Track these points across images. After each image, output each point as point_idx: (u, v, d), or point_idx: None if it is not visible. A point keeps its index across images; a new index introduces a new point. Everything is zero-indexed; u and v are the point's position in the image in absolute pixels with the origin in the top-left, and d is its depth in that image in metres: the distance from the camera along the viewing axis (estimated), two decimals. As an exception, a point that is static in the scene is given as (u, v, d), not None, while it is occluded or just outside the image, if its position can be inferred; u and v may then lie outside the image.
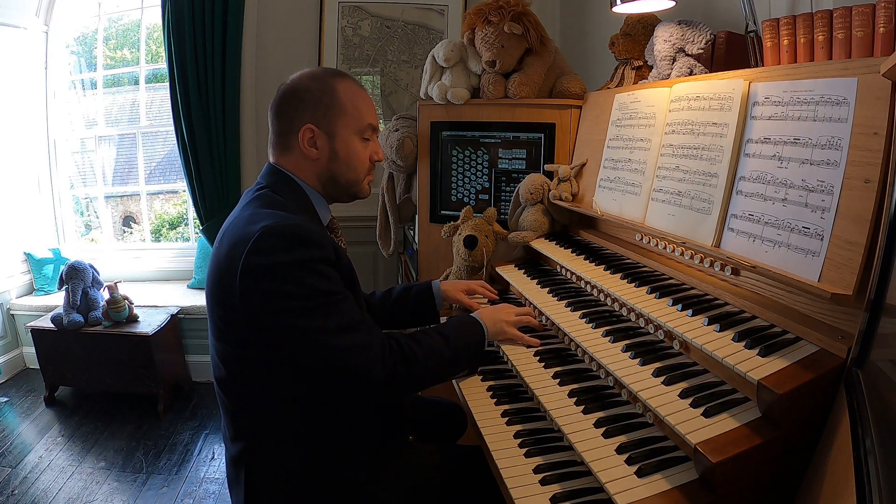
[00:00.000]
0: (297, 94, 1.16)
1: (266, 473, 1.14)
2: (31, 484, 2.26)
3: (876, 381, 0.77)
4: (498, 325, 1.35)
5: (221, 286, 1.07)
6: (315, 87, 1.16)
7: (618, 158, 1.63)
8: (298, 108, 1.15)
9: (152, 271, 3.52)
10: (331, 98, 1.15)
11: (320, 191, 1.21)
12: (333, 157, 1.18)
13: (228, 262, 1.05)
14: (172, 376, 2.98)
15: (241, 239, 1.04)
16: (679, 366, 1.07)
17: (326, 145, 1.17)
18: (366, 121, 1.19)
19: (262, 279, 1.02)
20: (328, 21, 3.00)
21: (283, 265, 1.01)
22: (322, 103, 1.15)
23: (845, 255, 0.93)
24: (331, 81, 1.17)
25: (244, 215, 1.10)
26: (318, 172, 1.19)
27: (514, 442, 1.13)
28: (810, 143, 1.03)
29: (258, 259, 1.01)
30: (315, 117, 1.15)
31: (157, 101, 3.60)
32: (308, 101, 1.15)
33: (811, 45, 1.14)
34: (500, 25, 1.87)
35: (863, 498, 0.60)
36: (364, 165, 1.22)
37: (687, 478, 0.90)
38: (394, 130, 2.22)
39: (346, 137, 1.17)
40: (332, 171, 1.19)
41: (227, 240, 1.08)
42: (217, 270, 1.08)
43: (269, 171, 1.20)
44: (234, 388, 1.14)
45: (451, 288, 1.56)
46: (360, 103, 1.19)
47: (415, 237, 2.31)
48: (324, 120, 1.15)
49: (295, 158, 1.18)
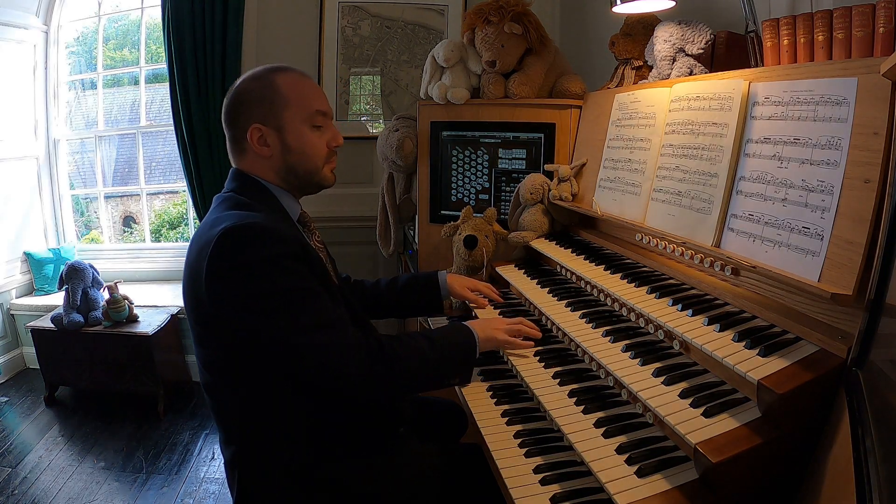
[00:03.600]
0: (239, 97, 1.16)
1: (258, 477, 1.13)
2: (31, 484, 2.26)
3: (876, 381, 0.77)
4: (488, 332, 1.30)
5: (193, 292, 1.07)
6: (255, 87, 1.16)
7: (618, 158, 1.63)
8: (243, 110, 1.15)
9: (152, 271, 3.52)
10: (273, 93, 1.15)
11: (284, 186, 1.21)
12: (287, 151, 1.17)
13: (196, 267, 1.05)
14: (172, 376, 2.98)
15: (205, 243, 1.04)
16: (679, 366, 1.07)
17: (277, 140, 1.16)
18: (312, 107, 1.17)
19: (226, 280, 1.02)
20: (328, 21, 2.99)
21: (245, 264, 1.01)
22: (265, 100, 1.14)
23: (845, 254, 0.93)
24: (270, 77, 1.16)
25: (209, 220, 1.11)
26: (275, 169, 1.18)
27: (514, 442, 1.13)
28: (810, 143, 1.03)
29: (220, 261, 1.01)
30: (260, 115, 1.14)
31: (157, 100, 3.60)
32: (250, 101, 1.15)
33: (811, 45, 1.14)
34: (500, 25, 1.87)
35: (863, 498, 0.60)
36: (320, 153, 1.20)
37: (687, 478, 0.90)
38: (394, 130, 2.22)
39: (296, 128, 1.16)
40: (288, 164, 1.18)
41: (194, 245, 1.09)
42: (189, 277, 1.09)
43: (233, 175, 1.20)
44: (219, 392, 1.14)
45: (457, 283, 1.55)
46: (304, 91, 1.17)
47: (415, 237, 2.31)
48: (270, 116, 1.14)
49: (251, 159, 1.18)
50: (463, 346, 1.25)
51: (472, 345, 1.26)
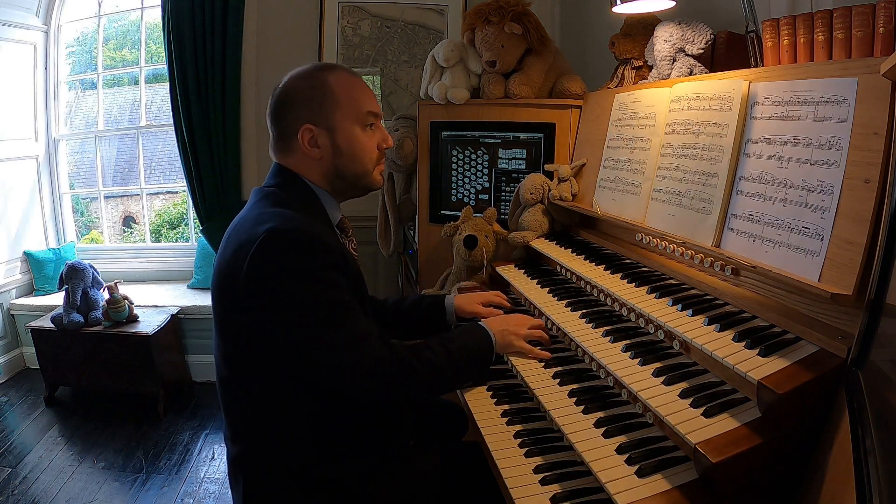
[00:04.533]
0: (288, 96, 1.15)
1: (264, 477, 1.13)
2: (31, 484, 2.25)
3: (876, 381, 0.77)
4: (507, 338, 1.30)
5: (226, 286, 1.06)
6: (305, 86, 1.14)
7: (618, 158, 1.63)
8: (293, 109, 1.14)
9: (152, 271, 3.52)
10: (323, 92, 1.13)
11: (329, 190, 1.19)
12: (337, 153, 1.15)
13: (234, 262, 1.04)
14: (172, 376, 2.98)
15: (247, 240, 1.03)
16: (679, 366, 1.07)
17: (328, 141, 1.14)
18: (364, 108, 1.16)
19: (267, 284, 1.01)
20: (328, 21, 2.99)
21: (289, 271, 1.01)
22: (315, 100, 1.13)
23: (845, 255, 0.93)
24: (320, 75, 1.15)
25: (252, 215, 1.09)
26: (323, 171, 1.17)
27: (514, 442, 1.13)
28: (810, 143, 1.03)
29: (264, 264, 1.01)
30: (311, 116, 1.13)
31: (158, 100, 3.60)
32: (300, 100, 1.13)
33: (811, 45, 1.14)
34: (500, 25, 1.87)
35: (863, 498, 0.60)
36: (371, 155, 1.19)
37: (687, 478, 0.90)
38: (394, 130, 2.22)
39: (347, 129, 1.15)
40: (337, 168, 1.17)
41: (233, 239, 1.08)
42: (222, 269, 1.08)
43: (277, 170, 1.18)
44: (235, 388, 1.14)
45: (466, 303, 1.49)
46: (355, 91, 1.16)
47: (415, 237, 2.31)
48: (320, 116, 1.13)
49: (298, 159, 1.16)
50: (479, 357, 1.25)
51: (489, 354, 1.26)
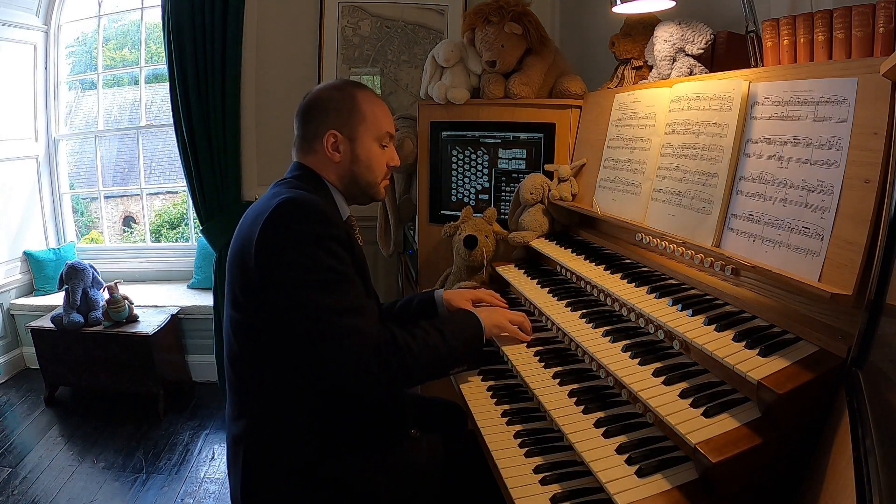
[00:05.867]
0: (321, 103, 1.27)
1: (265, 453, 1.15)
2: (31, 484, 2.26)
3: (876, 381, 0.77)
4: (494, 319, 1.36)
5: (241, 254, 1.13)
6: (338, 97, 1.26)
7: (618, 158, 1.63)
8: (323, 115, 1.25)
9: (152, 271, 3.52)
10: (352, 106, 1.25)
11: (341, 190, 1.30)
12: (355, 160, 1.27)
13: (249, 232, 1.12)
14: (172, 376, 2.98)
15: (262, 211, 1.12)
16: (679, 366, 1.07)
17: (348, 149, 1.26)
18: (384, 129, 1.29)
19: (274, 246, 1.08)
20: (328, 21, 2.99)
21: (297, 235, 1.08)
22: (344, 110, 1.25)
23: (845, 255, 0.93)
24: (352, 91, 1.28)
25: (268, 194, 1.19)
26: (340, 173, 1.28)
27: (514, 442, 1.13)
28: (810, 143, 1.03)
29: (273, 228, 1.08)
30: (338, 124, 1.25)
31: (158, 100, 3.60)
32: (331, 109, 1.25)
33: (811, 45, 1.14)
34: (500, 25, 1.87)
35: (863, 498, 0.60)
36: (382, 169, 1.32)
37: (687, 478, 0.90)
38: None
39: (366, 143, 1.27)
40: (353, 173, 1.28)
41: (250, 214, 1.18)
42: (239, 241, 1.16)
43: (296, 166, 1.28)
44: (242, 362, 1.18)
45: (456, 297, 1.51)
46: (378, 112, 1.29)
47: (415, 237, 2.31)
48: (346, 126, 1.25)
49: (319, 159, 1.27)
50: (471, 335, 1.29)
51: (478, 333, 1.30)
